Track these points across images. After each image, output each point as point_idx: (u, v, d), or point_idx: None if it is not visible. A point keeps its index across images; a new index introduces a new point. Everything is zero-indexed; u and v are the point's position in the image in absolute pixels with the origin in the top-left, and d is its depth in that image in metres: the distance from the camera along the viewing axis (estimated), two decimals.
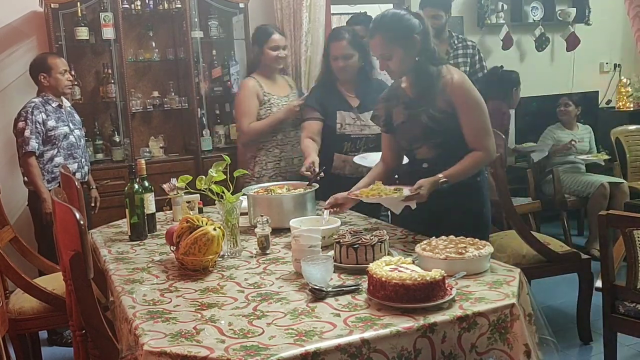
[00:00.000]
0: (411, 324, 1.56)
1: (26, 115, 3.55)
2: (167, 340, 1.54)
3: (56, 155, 3.63)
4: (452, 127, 2.40)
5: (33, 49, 4.32)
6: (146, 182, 2.61)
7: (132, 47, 4.51)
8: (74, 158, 3.69)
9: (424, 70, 2.41)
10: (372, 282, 1.72)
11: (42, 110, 3.59)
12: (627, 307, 2.53)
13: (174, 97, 4.58)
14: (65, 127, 3.68)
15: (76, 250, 1.79)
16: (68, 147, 3.67)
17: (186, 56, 4.47)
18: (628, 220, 2.48)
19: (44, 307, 2.76)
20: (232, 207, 2.26)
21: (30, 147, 3.52)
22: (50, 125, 3.60)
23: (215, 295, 1.85)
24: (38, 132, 3.55)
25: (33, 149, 3.53)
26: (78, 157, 3.73)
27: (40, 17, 4.27)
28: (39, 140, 3.56)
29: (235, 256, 2.25)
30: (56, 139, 3.62)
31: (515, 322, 1.66)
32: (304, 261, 1.85)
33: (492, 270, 1.92)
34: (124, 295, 1.88)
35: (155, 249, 2.42)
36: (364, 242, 2.00)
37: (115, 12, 4.20)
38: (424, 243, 2.02)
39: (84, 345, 2.07)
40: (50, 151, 3.62)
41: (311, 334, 1.53)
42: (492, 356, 1.66)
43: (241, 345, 1.49)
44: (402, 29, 2.37)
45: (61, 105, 3.73)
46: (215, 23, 4.61)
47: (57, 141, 3.63)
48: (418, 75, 2.43)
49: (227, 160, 2.38)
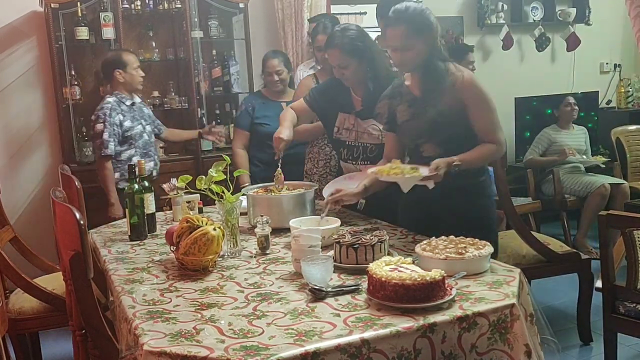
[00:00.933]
0: (411, 324, 1.56)
1: (104, 117, 3.56)
2: (167, 340, 1.54)
3: (133, 154, 3.66)
4: (460, 124, 2.39)
5: (33, 49, 4.32)
6: (146, 182, 2.61)
7: (132, 47, 4.50)
8: (149, 156, 3.73)
9: (434, 67, 2.40)
10: (372, 282, 1.72)
11: (118, 111, 3.61)
12: (628, 307, 2.53)
13: (174, 97, 4.58)
14: (139, 125, 3.71)
15: (76, 250, 1.79)
16: (144, 146, 3.71)
17: (186, 56, 4.47)
18: (628, 221, 2.48)
19: (44, 307, 2.76)
20: (232, 207, 2.26)
21: (108, 151, 3.55)
22: (126, 126, 3.63)
23: (215, 295, 1.85)
24: (115, 134, 3.58)
25: (111, 152, 3.56)
26: (152, 154, 3.79)
27: (41, 17, 4.27)
28: (116, 142, 3.59)
29: (235, 256, 2.25)
30: (132, 138, 3.66)
31: (516, 322, 1.65)
32: (303, 261, 1.85)
33: (492, 271, 1.91)
34: (124, 295, 1.88)
35: (155, 249, 2.42)
36: (363, 242, 2.00)
37: (115, 12, 4.20)
38: (424, 243, 2.02)
39: (84, 345, 2.07)
40: (127, 151, 3.66)
41: (311, 334, 1.53)
42: (492, 356, 1.65)
43: (241, 345, 1.49)
44: (425, 22, 2.38)
45: (134, 103, 3.75)
46: (215, 23, 4.61)
47: (134, 141, 3.67)
48: (427, 72, 2.42)
49: (227, 160, 2.37)
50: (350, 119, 2.88)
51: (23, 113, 4.35)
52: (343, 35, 2.71)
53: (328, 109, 2.95)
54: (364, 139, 2.85)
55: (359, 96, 2.84)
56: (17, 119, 4.34)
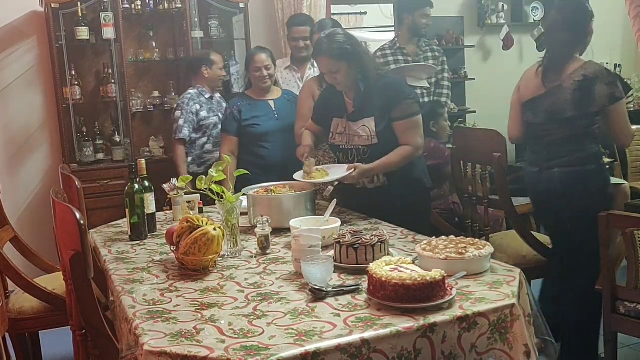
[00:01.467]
0: (411, 324, 1.56)
1: (182, 105, 3.93)
2: (167, 340, 1.54)
3: (207, 142, 4.00)
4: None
5: (33, 48, 4.33)
6: (146, 182, 2.60)
7: (133, 47, 4.52)
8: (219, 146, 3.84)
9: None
10: (372, 282, 1.72)
11: (197, 101, 3.96)
12: (628, 307, 2.53)
13: (174, 97, 4.58)
14: (215, 117, 4.00)
15: (76, 250, 1.79)
16: (217, 136, 3.95)
17: (186, 56, 4.48)
18: (629, 221, 2.47)
19: (44, 307, 2.76)
20: (232, 207, 2.26)
21: (181, 135, 3.90)
22: (202, 116, 3.96)
23: (216, 295, 1.85)
24: (191, 121, 3.91)
25: (184, 136, 3.91)
26: None
27: (41, 17, 4.27)
28: (191, 128, 3.92)
29: (236, 256, 2.25)
30: (207, 128, 3.98)
31: (516, 322, 1.66)
32: (304, 261, 1.85)
33: (493, 271, 1.91)
34: (124, 295, 1.88)
35: (155, 249, 2.42)
36: (364, 242, 2.00)
37: (116, 12, 4.20)
38: (424, 243, 2.02)
39: (84, 345, 2.07)
40: (201, 139, 3.99)
41: (311, 334, 1.53)
42: (492, 356, 1.66)
43: (241, 345, 1.49)
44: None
45: (212, 97, 4.06)
46: (216, 23, 4.61)
47: (208, 130, 3.99)
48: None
49: (228, 160, 2.38)
50: (342, 123, 2.87)
51: (23, 113, 4.36)
52: (330, 41, 2.74)
53: (327, 116, 2.98)
54: (354, 141, 2.82)
55: (350, 99, 2.85)
56: (18, 118, 4.35)
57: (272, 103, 3.62)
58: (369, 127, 2.76)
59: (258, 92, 3.64)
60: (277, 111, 3.60)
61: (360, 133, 2.79)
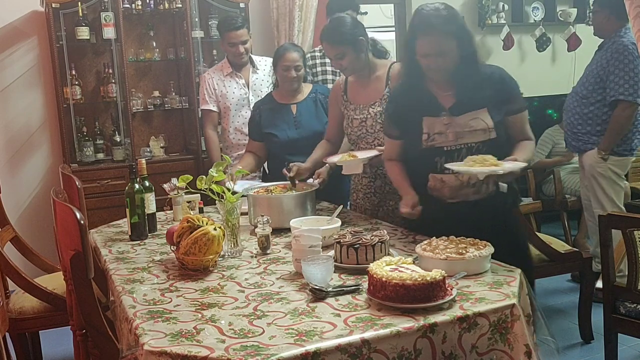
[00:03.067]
0: (411, 324, 1.56)
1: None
2: (168, 340, 1.54)
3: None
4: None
5: (34, 48, 4.33)
6: (147, 182, 2.60)
7: (133, 46, 4.52)
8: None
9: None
10: (372, 282, 1.72)
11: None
12: (628, 307, 2.52)
13: (175, 96, 4.59)
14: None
15: (77, 250, 1.80)
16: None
17: (187, 56, 4.48)
18: (629, 221, 2.47)
19: (45, 307, 2.76)
20: (232, 207, 2.26)
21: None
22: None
23: (216, 295, 1.85)
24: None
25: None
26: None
27: (41, 17, 4.27)
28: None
29: (236, 256, 2.25)
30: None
31: (516, 323, 1.65)
32: (304, 261, 1.85)
33: (493, 271, 1.91)
34: (125, 295, 1.88)
35: (155, 249, 2.42)
36: (364, 242, 2.00)
37: (116, 12, 4.20)
38: (425, 243, 2.02)
39: (84, 344, 2.08)
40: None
41: (311, 334, 1.53)
42: (492, 356, 1.65)
43: (241, 345, 1.49)
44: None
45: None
46: (216, 23, 4.60)
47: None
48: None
49: (228, 160, 2.37)
50: (442, 121, 2.32)
51: (24, 113, 4.36)
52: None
53: (407, 120, 2.40)
54: (465, 138, 2.30)
55: (447, 90, 2.34)
56: (18, 118, 4.35)
57: (295, 108, 3.25)
58: (483, 120, 2.29)
59: (283, 95, 3.28)
60: (297, 118, 3.23)
61: (474, 126, 2.28)
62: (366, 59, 2.75)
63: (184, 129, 4.77)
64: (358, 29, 2.72)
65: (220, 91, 3.74)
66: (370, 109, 2.77)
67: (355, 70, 2.76)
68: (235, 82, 3.73)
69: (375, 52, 2.82)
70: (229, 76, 3.75)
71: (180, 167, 4.24)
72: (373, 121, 2.76)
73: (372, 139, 2.80)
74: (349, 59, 2.70)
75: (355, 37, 2.69)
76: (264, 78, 3.79)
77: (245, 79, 3.76)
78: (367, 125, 2.78)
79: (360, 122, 2.80)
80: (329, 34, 2.72)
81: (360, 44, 2.69)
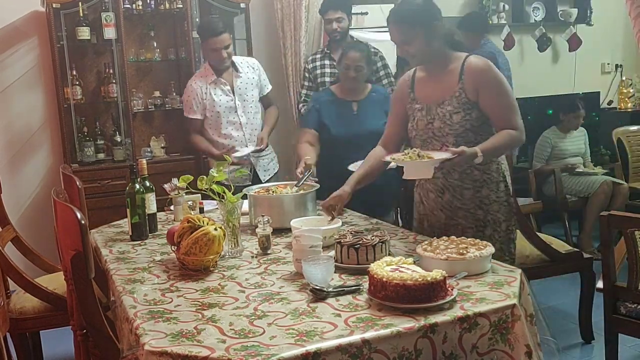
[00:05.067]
0: (412, 324, 1.56)
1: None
2: (168, 340, 1.54)
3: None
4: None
5: (34, 48, 4.33)
6: (147, 182, 2.61)
7: (134, 47, 4.52)
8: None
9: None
10: (372, 283, 1.72)
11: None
12: (629, 308, 2.52)
13: (175, 97, 4.58)
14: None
15: (77, 250, 1.79)
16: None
17: (187, 56, 4.48)
18: (630, 221, 2.47)
19: (45, 307, 2.76)
20: (233, 207, 2.26)
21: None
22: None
23: (216, 295, 1.85)
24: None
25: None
26: None
27: (42, 17, 4.27)
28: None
29: (236, 256, 2.25)
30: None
31: (517, 323, 1.65)
32: (304, 261, 1.85)
33: (493, 271, 1.91)
34: (125, 295, 1.89)
35: (156, 249, 2.42)
36: (365, 243, 2.00)
37: (117, 12, 4.20)
38: (425, 243, 2.02)
39: (84, 344, 2.08)
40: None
41: (312, 334, 1.53)
42: (493, 357, 1.65)
43: (242, 345, 1.49)
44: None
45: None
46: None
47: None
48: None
49: (228, 160, 2.37)
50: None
51: (24, 113, 4.36)
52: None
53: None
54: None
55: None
56: (19, 118, 4.35)
57: (355, 105, 3.24)
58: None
59: (343, 90, 3.29)
60: (359, 115, 3.23)
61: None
62: (440, 48, 2.37)
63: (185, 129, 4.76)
64: (433, 11, 2.36)
65: (208, 99, 3.62)
66: (438, 108, 2.36)
67: (425, 60, 2.39)
68: (220, 89, 3.63)
69: (451, 43, 2.43)
70: (214, 83, 3.62)
71: (180, 167, 4.23)
72: (441, 123, 2.35)
73: (440, 144, 2.36)
74: (418, 44, 2.32)
75: (429, 19, 2.33)
76: (249, 81, 3.69)
77: (229, 85, 3.64)
78: (434, 127, 2.37)
79: (427, 124, 2.39)
80: (396, 12, 2.35)
81: (434, 28, 2.33)
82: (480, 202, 2.35)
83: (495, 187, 2.37)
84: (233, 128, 3.64)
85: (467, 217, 2.36)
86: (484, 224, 2.36)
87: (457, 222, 2.37)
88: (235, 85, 3.65)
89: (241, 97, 3.66)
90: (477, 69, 2.31)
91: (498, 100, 2.31)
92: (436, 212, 2.44)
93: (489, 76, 2.31)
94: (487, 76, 2.31)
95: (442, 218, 2.42)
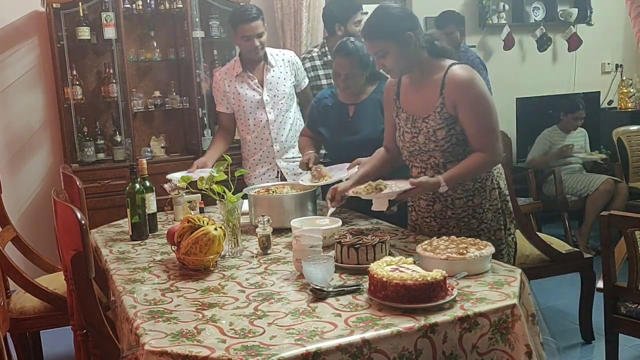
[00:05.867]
0: (412, 324, 1.56)
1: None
2: (168, 340, 1.54)
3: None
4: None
5: (34, 48, 4.33)
6: (147, 182, 2.61)
7: (134, 47, 4.52)
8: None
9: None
10: (373, 282, 1.72)
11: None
12: (629, 308, 2.52)
13: (175, 96, 4.59)
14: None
15: (77, 250, 1.80)
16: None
17: (187, 56, 4.48)
18: (630, 221, 2.47)
19: (45, 307, 2.76)
20: (233, 207, 2.26)
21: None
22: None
23: (216, 295, 1.85)
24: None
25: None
26: None
27: (42, 17, 4.27)
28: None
29: (236, 256, 2.25)
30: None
31: (517, 323, 1.65)
32: (305, 261, 1.85)
33: (494, 271, 1.91)
34: (125, 295, 1.88)
35: (156, 249, 2.42)
36: (365, 243, 2.00)
37: (117, 12, 4.20)
38: (425, 243, 2.02)
39: (85, 344, 2.08)
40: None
41: (312, 334, 1.53)
42: (493, 357, 1.65)
43: (242, 345, 1.49)
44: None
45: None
46: (217, 23, 4.61)
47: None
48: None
49: (228, 160, 2.37)
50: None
51: (24, 113, 4.36)
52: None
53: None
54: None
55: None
56: (19, 118, 4.35)
57: (352, 109, 3.00)
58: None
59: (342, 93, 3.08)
60: (353, 121, 2.99)
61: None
62: (418, 58, 2.28)
63: (185, 129, 4.77)
64: (405, 21, 2.25)
65: (233, 93, 3.41)
66: (423, 123, 2.29)
67: (403, 71, 2.33)
68: (247, 83, 3.37)
69: (432, 50, 2.32)
70: (240, 77, 3.37)
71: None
72: (425, 138, 2.28)
73: (427, 157, 2.32)
74: (393, 57, 2.25)
75: (401, 31, 2.22)
76: (281, 75, 3.40)
77: (258, 79, 3.38)
78: (419, 142, 2.31)
79: (412, 137, 2.33)
80: (366, 27, 2.30)
81: (407, 39, 2.23)
82: (474, 210, 2.31)
83: (488, 195, 2.31)
84: (259, 125, 3.40)
85: (461, 227, 2.31)
86: (478, 233, 2.30)
87: (450, 231, 2.30)
88: (265, 78, 3.37)
89: (271, 93, 3.39)
90: (457, 83, 2.21)
91: (475, 118, 2.21)
92: (428, 220, 2.40)
93: (468, 92, 2.20)
94: (466, 92, 2.20)
95: (434, 227, 2.38)
